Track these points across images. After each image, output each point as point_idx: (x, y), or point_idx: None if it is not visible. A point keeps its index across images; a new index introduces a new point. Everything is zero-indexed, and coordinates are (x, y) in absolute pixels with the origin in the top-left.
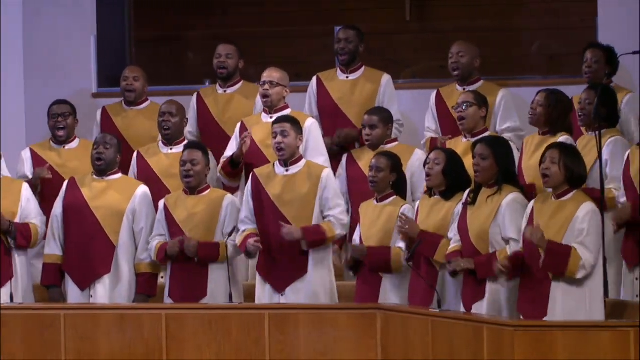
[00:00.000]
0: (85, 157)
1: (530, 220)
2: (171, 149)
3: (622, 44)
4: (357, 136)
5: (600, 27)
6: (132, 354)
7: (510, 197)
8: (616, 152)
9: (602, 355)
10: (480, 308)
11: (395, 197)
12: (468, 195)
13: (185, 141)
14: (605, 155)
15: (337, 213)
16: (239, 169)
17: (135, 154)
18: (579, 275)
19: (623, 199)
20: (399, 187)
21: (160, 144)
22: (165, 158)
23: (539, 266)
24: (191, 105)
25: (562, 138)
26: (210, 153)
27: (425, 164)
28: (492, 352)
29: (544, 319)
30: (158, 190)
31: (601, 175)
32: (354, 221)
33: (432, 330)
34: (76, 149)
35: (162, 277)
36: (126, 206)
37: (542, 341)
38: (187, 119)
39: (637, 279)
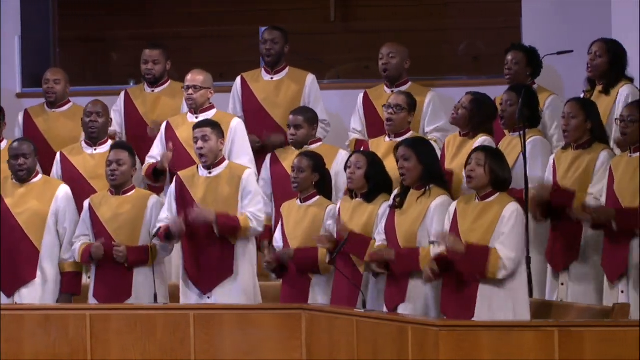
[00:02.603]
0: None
1: (454, 221)
2: (95, 149)
3: (546, 45)
4: (284, 141)
5: (525, 28)
6: (56, 354)
7: (439, 201)
8: (535, 152)
9: (526, 355)
10: (404, 310)
11: (319, 197)
12: (394, 198)
13: (109, 141)
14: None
15: (255, 210)
16: (163, 176)
17: (58, 155)
18: (500, 276)
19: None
20: (323, 187)
21: (84, 144)
22: (91, 159)
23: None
24: (118, 105)
25: (481, 139)
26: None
27: (346, 167)
28: (417, 351)
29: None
30: (84, 191)
31: (525, 175)
32: (276, 221)
33: (357, 331)
34: (3, 151)
35: (89, 277)
36: (48, 208)
37: (466, 341)
38: (112, 119)
39: (562, 284)
